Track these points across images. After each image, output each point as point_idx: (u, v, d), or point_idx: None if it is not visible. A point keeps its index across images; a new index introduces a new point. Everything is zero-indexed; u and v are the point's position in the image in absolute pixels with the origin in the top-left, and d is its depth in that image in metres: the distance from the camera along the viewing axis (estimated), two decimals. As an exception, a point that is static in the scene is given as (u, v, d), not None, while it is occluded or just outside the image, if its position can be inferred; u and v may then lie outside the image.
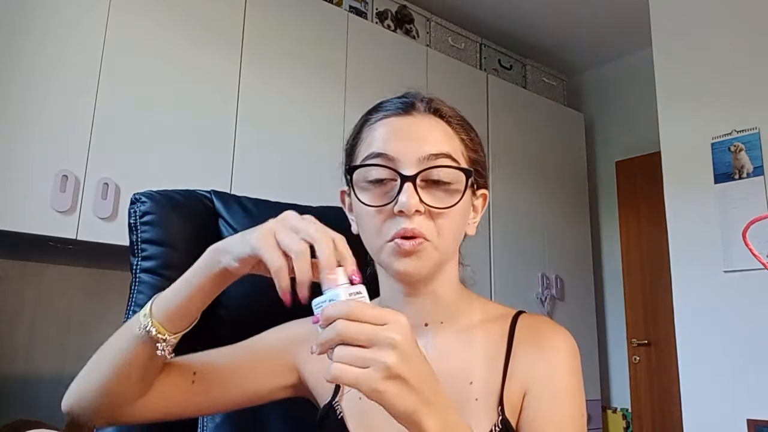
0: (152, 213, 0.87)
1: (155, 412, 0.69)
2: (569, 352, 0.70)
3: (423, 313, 0.72)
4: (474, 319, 0.75)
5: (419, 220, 0.65)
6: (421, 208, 0.65)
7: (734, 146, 2.19)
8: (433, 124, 0.70)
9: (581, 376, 0.70)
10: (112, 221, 1.86)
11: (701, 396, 2.16)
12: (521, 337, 0.72)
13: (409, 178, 0.65)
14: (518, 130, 3.18)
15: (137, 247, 0.87)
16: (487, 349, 0.72)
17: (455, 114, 0.74)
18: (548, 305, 3.10)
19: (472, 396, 0.69)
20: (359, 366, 0.50)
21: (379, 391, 0.50)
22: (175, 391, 0.70)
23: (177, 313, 0.63)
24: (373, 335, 0.51)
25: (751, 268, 2.06)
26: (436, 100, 0.73)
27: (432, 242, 0.66)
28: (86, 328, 2.22)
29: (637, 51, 3.51)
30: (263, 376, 0.75)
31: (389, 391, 0.50)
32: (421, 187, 0.66)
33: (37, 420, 1.88)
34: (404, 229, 0.64)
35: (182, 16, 2.11)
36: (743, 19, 2.25)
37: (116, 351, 0.65)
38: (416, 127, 0.69)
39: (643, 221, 3.29)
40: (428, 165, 0.66)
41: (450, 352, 0.72)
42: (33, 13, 1.83)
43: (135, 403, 0.67)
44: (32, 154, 1.76)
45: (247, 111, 2.21)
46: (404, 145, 0.67)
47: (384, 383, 0.50)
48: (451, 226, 0.68)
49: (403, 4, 2.92)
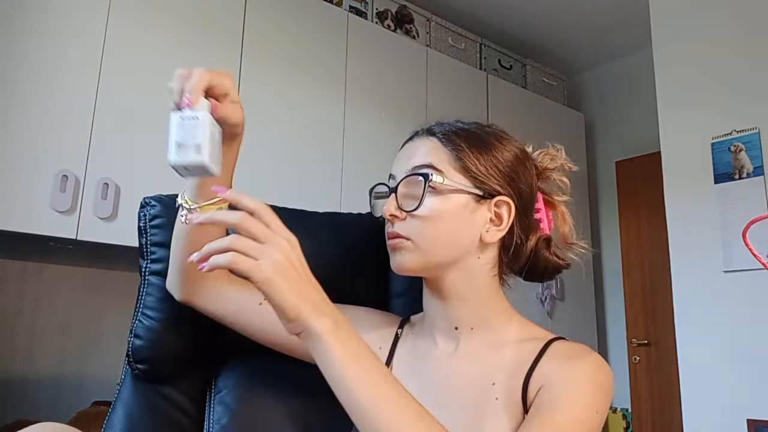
0: (162, 216, 0.88)
1: (220, 308, 0.79)
2: (599, 368, 0.69)
3: (452, 315, 0.77)
4: (509, 335, 0.76)
5: (399, 224, 0.74)
6: (397, 213, 0.74)
7: (734, 146, 2.19)
8: (424, 142, 0.78)
9: (603, 395, 0.68)
10: (112, 221, 1.86)
11: (701, 396, 2.16)
12: (552, 352, 0.72)
13: (392, 190, 0.76)
14: (518, 130, 3.12)
15: (146, 250, 0.87)
16: (516, 362, 0.73)
17: (449, 131, 0.77)
18: (548, 305, 3.10)
19: (492, 395, 0.71)
20: (252, 257, 0.58)
21: (270, 280, 0.58)
22: (242, 302, 0.79)
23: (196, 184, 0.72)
24: (269, 234, 0.60)
25: (751, 268, 2.06)
26: (438, 123, 0.80)
27: (412, 240, 0.74)
28: (86, 328, 2.22)
29: (637, 51, 3.51)
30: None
31: (278, 284, 0.58)
32: (405, 195, 0.75)
33: (37, 420, 1.88)
34: (388, 232, 0.76)
35: (182, 16, 2.11)
36: (743, 20, 2.25)
37: (175, 228, 0.77)
38: (411, 148, 0.78)
39: (643, 221, 3.29)
40: (405, 175, 0.75)
41: (477, 356, 0.75)
42: (33, 13, 1.83)
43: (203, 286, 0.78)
44: (32, 154, 1.76)
45: (247, 110, 2.19)
46: (398, 164, 0.78)
47: (274, 275, 0.58)
48: (432, 226, 0.73)
49: (403, 4, 2.92)
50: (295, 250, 0.61)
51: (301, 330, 0.61)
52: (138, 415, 0.84)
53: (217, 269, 0.67)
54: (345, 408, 0.61)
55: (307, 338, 0.61)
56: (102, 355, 2.21)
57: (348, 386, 0.60)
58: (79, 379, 2.17)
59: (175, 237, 0.77)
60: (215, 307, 0.80)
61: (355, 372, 0.60)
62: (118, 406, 0.85)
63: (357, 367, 0.60)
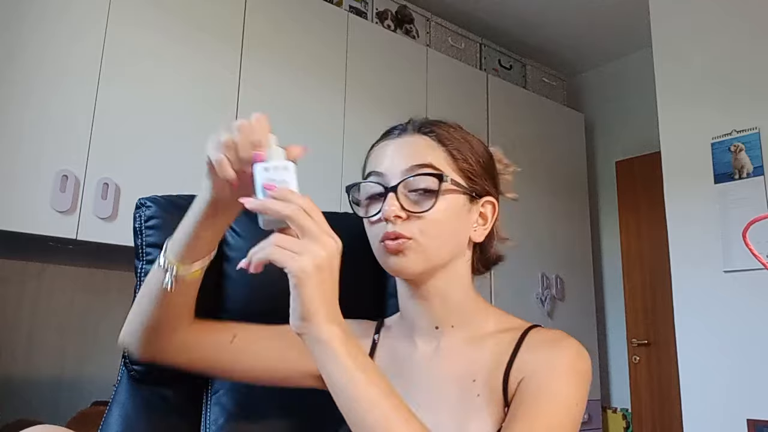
0: (157, 217, 0.87)
1: (191, 359, 0.77)
2: (577, 355, 0.70)
3: (433, 315, 0.76)
4: (488, 328, 0.77)
5: (402, 225, 0.72)
6: (401, 214, 0.71)
7: (734, 146, 2.19)
8: (417, 140, 0.76)
9: (583, 383, 0.69)
10: (112, 221, 1.86)
11: (701, 396, 2.16)
12: (530, 342, 0.73)
13: (391, 189, 0.72)
14: (518, 130, 3.17)
15: (142, 251, 0.87)
16: (495, 353, 0.73)
17: (443, 130, 0.77)
18: (548, 305, 3.10)
19: (474, 392, 0.71)
20: (293, 251, 0.58)
21: (303, 271, 0.57)
22: (213, 345, 0.77)
23: (179, 242, 0.70)
24: (317, 231, 0.59)
25: (751, 268, 2.06)
26: (423, 120, 0.78)
27: (415, 240, 0.71)
28: (86, 328, 2.22)
29: (637, 51, 3.51)
30: (296, 359, 0.78)
31: (309, 279, 0.58)
32: (405, 195, 0.72)
33: (37, 420, 1.88)
34: (386, 233, 0.72)
35: (182, 16, 2.11)
36: (743, 20, 2.25)
37: (147, 284, 0.73)
38: (404, 145, 0.76)
39: (643, 221, 3.29)
40: (408, 175, 0.73)
41: (458, 354, 0.75)
42: (33, 13, 1.83)
43: (172, 340, 0.74)
44: (32, 154, 1.76)
45: (248, 111, 2.20)
46: (389, 162, 0.75)
47: (310, 269, 0.58)
48: (436, 227, 0.72)
49: (403, 4, 2.92)
50: (336, 255, 0.61)
51: (307, 332, 0.60)
52: (134, 416, 0.84)
53: (185, 318, 0.72)
54: (347, 419, 0.60)
55: (311, 342, 0.61)
56: (102, 355, 2.21)
57: (352, 396, 0.60)
58: (79, 379, 2.17)
59: (146, 296, 0.72)
60: (185, 357, 0.77)
61: (362, 384, 0.60)
62: (115, 408, 0.85)
63: (363, 379, 0.60)
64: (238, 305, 0.88)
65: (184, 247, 0.69)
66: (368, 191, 0.76)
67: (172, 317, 0.74)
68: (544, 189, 3.23)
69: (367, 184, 0.76)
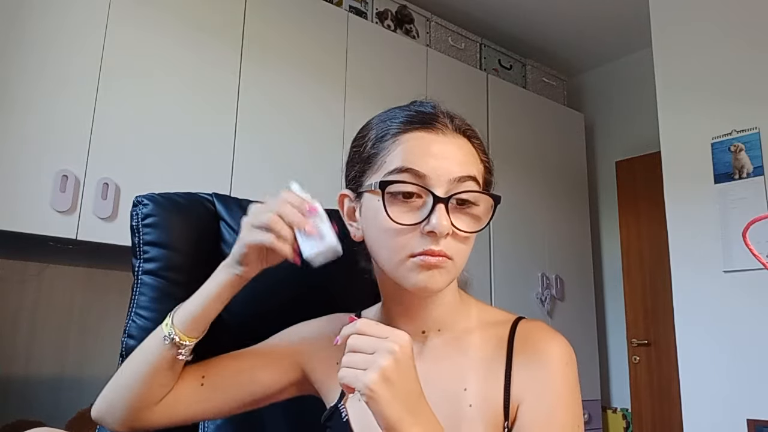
0: (154, 215, 0.87)
1: (168, 417, 0.74)
2: (563, 359, 0.69)
3: (422, 321, 0.74)
4: (470, 324, 0.75)
5: (446, 242, 0.66)
6: (451, 231, 0.66)
7: (734, 146, 2.19)
8: (461, 144, 0.70)
9: (577, 384, 0.69)
10: (112, 221, 1.86)
11: (701, 396, 2.16)
12: (518, 346, 0.71)
13: (442, 200, 0.65)
14: (518, 130, 3.18)
15: (139, 249, 0.87)
16: (484, 355, 0.72)
17: (475, 134, 0.73)
18: (548, 305, 3.09)
19: (465, 402, 0.69)
20: (360, 368, 0.57)
21: (371, 390, 0.56)
22: (185, 394, 0.75)
23: (195, 320, 0.71)
24: (376, 344, 0.58)
25: (751, 268, 2.06)
26: (458, 118, 0.73)
27: (454, 261, 0.67)
28: (86, 328, 2.22)
29: (637, 51, 3.51)
30: (269, 376, 0.78)
31: (380, 393, 0.56)
32: (451, 209, 0.66)
33: (36, 420, 1.88)
34: (431, 250, 0.65)
35: (182, 16, 2.11)
36: (743, 19, 2.25)
37: (143, 359, 0.72)
38: (447, 147, 0.68)
39: (643, 221, 3.29)
40: (459, 189, 0.67)
41: (444, 357, 0.73)
42: (33, 13, 1.83)
43: (153, 408, 0.73)
44: (32, 154, 1.76)
45: (247, 111, 2.21)
46: (436, 164, 0.66)
47: (377, 384, 0.56)
48: (470, 247, 0.70)
49: (403, 4, 2.92)
50: (403, 351, 0.58)
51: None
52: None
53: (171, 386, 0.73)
54: None
55: None
56: (102, 355, 2.21)
57: None
58: (79, 379, 2.17)
59: (138, 373, 0.71)
60: (166, 418, 0.74)
61: None
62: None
63: None
64: (237, 308, 0.87)
65: (199, 322, 0.71)
66: (402, 190, 0.66)
67: (159, 390, 0.72)
68: (544, 189, 3.23)
69: (401, 183, 0.66)
